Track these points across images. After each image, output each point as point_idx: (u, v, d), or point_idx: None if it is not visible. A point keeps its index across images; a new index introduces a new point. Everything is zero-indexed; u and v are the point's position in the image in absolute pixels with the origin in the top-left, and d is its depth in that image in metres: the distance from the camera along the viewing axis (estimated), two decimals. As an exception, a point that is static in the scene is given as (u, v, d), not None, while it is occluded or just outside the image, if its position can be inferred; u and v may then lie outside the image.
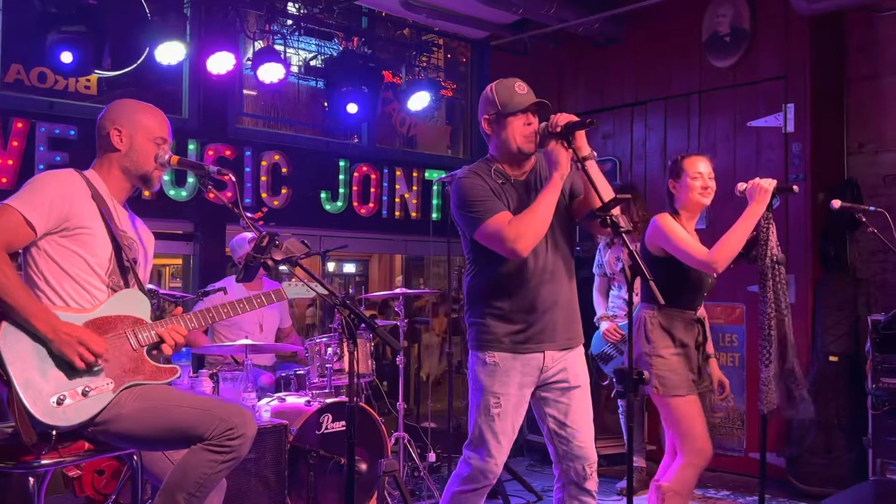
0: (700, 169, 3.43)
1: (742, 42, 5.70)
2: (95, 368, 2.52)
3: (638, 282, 2.59)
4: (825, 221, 5.35)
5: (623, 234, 2.62)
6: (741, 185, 3.36)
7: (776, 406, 3.36)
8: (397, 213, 6.93)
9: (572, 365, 2.98)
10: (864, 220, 3.62)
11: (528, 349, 2.91)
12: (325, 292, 2.48)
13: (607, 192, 2.78)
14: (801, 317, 5.16)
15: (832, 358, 5.11)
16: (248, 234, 4.86)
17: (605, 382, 5.36)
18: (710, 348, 3.59)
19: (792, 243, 5.34)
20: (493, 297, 2.93)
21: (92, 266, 2.62)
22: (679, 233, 3.35)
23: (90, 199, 2.66)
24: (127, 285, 2.70)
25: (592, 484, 2.95)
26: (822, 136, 5.43)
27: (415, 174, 7.04)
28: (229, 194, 5.02)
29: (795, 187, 3.46)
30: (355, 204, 6.64)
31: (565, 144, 2.77)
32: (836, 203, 3.60)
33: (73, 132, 5.17)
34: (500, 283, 2.92)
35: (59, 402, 2.44)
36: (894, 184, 5.40)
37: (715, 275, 3.36)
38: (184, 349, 3.98)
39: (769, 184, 3.29)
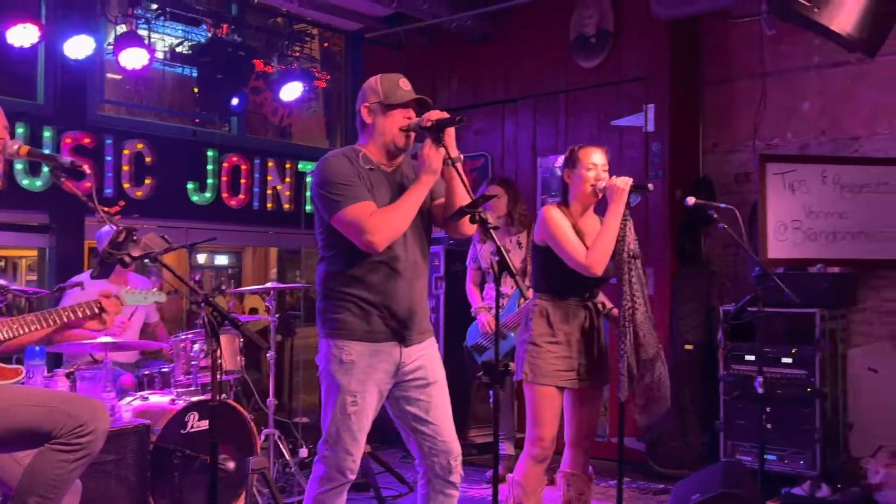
0: (594, 160, 3.45)
1: (606, 44, 5.90)
2: None
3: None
4: (682, 217, 5.63)
5: (491, 231, 2.68)
6: (600, 183, 3.44)
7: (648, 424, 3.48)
8: (269, 205, 6.80)
9: (429, 360, 3.01)
10: (716, 216, 3.77)
11: (385, 341, 2.89)
12: (188, 289, 2.42)
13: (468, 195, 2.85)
14: (660, 308, 5.40)
15: (687, 346, 5.39)
16: (117, 227, 4.65)
17: (480, 374, 5.43)
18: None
19: (652, 238, 5.59)
20: (350, 286, 2.89)
21: None
22: (563, 231, 3.38)
23: None
24: None
25: (457, 476, 3.00)
26: (679, 135, 5.70)
27: (288, 165, 6.92)
28: (88, 185, 4.87)
29: (650, 185, 3.59)
30: (225, 195, 6.46)
31: (436, 143, 2.80)
32: (691, 200, 3.75)
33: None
34: (358, 273, 2.88)
35: None
36: (745, 182, 5.73)
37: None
38: (38, 347, 3.76)
39: (624, 182, 3.37)
